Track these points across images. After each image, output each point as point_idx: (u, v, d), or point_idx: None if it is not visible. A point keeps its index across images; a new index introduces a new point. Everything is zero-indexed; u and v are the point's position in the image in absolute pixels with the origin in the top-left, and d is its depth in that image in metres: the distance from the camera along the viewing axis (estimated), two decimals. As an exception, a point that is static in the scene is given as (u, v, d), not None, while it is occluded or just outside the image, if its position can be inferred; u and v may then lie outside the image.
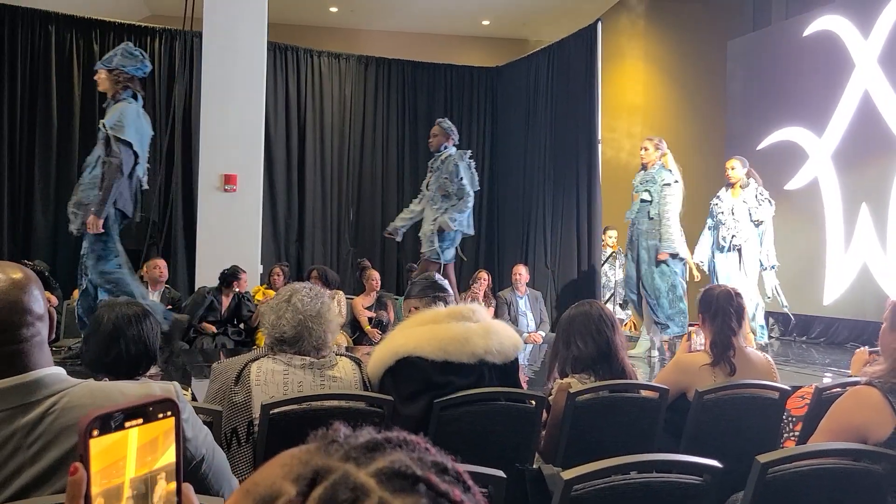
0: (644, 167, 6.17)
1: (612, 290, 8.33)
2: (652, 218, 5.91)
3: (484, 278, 7.20)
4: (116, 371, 2.18)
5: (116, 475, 0.61)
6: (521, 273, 7.19)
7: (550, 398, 2.71)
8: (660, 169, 6.01)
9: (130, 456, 0.61)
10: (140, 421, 0.62)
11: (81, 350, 2.33)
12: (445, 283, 2.89)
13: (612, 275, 8.37)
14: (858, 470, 1.89)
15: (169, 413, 0.65)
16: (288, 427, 2.20)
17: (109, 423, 0.61)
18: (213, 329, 6.10)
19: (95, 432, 0.60)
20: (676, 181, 5.94)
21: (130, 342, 2.20)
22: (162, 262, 6.36)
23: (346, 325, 6.59)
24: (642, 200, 6.01)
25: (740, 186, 6.36)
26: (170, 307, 6.17)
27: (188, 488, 0.66)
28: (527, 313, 7.13)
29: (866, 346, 3.27)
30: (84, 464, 0.59)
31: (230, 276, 6.26)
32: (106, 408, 0.61)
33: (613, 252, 8.40)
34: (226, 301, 6.28)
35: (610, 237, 8.45)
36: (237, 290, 6.29)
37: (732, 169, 6.35)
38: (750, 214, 6.31)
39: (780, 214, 8.08)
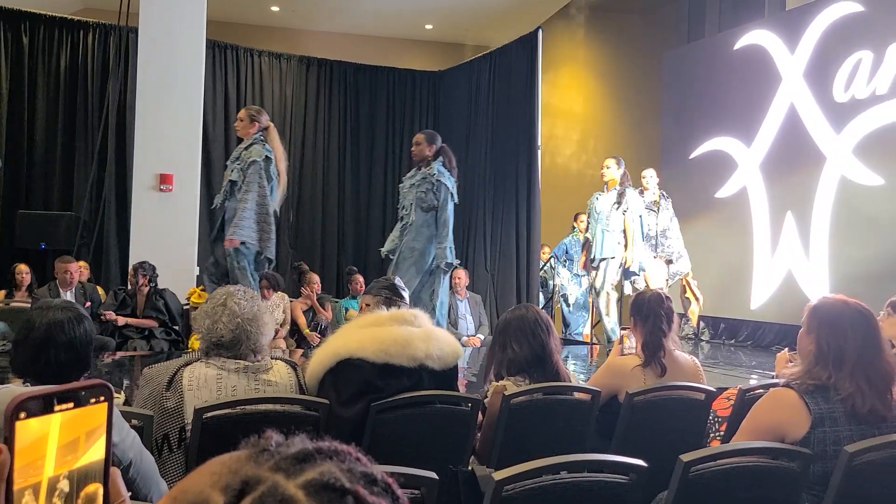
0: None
1: (551, 294, 8.46)
2: None
3: None
4: (44, 378, 2.11)
5: (34, 473, 0.60)
6: (461, 277, 7.24)
7: (486, 400, 2.75)
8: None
9: (51, 453, 0.60)
10: (71, 405, 0.61)
11: (11, 354, 2.24)
12: (404, 290, 2.93)
13: (554, 278, 8.50)
14: (776, 468, 1.97)
15: (102, 398, 0.63)
16: (221, 432, 2.17)
17: (38, 405, 0.59)
18: (114, 317, 5.89)
19: (22, 415, 0.58)
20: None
21: (61, 349, 2.12)
22: (71, 265, 6.15)
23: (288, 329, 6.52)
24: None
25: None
26: (88, 304, 6.01)
27: (115, 473, 0.65)
28: (466, 316, 7.18)
29: (787, 348, 3.42)
30: (9, 447, 0.58)
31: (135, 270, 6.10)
32: (35, 390, 0.60)
33: (550, 258, 8.54)
34: (140, 297, 6.10)
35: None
36: (146, 285, 6.06)
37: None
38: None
39: (711, 221, 8.36)
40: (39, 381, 2.10)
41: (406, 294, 2.94)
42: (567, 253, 8.24)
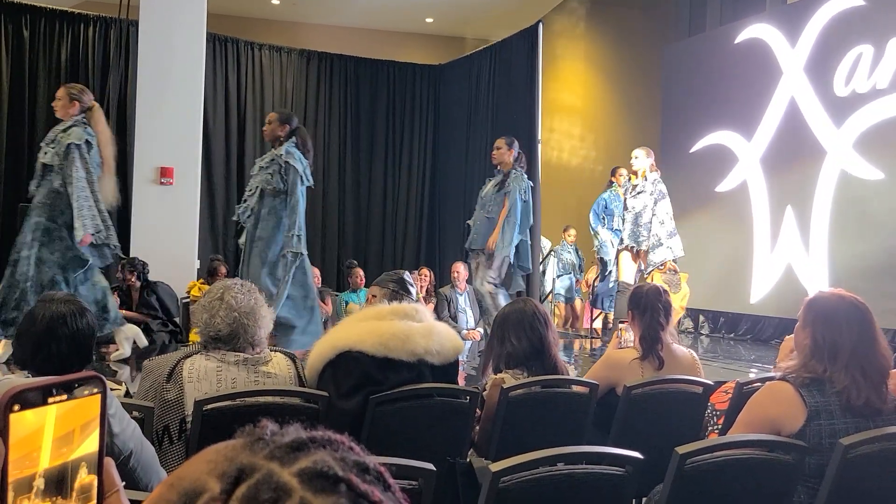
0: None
1: (552, 288, 8.49)
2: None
3: (425, 275, 7.23)
4: (46, 370, 2.13)
5: (30, 465, 0.60)
6: (460, 270, 7.26)
7: (485, 393, 2.77)
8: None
9: (46, 445, 0.61)
10: (64, 397, 0.61)
11: (13, 347, 2.25)
12: (412, 285, 2.91)
13: (551, 272, 8.53)
14: (771, 460, 1.99)
15: (95, 390, 0.63)
16: (221, 423, 2.19)
17: (32, 397, 0.60)
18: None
19: (16, 407, 0.59)
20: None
21: (62, 342, 2.14)
22: None
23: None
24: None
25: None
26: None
27: (109, 463, 0.66)
28: (466, 310, 7.20)
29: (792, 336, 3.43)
30: (3, 439, 0.59)
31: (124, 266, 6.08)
32: (29, 382, 0.61)
33: (552, 250, 8.56)
34: (135, 294, 6.11)
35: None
36: (134, 280, 6.06)
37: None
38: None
39: (711, 215, 8.37)
40: (41, 373, 2.11)
41: (414, 290, 2.91)
42: (607, 209, 7.76)
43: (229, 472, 0.52)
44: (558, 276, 8.50)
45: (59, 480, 0.62)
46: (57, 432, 0.61)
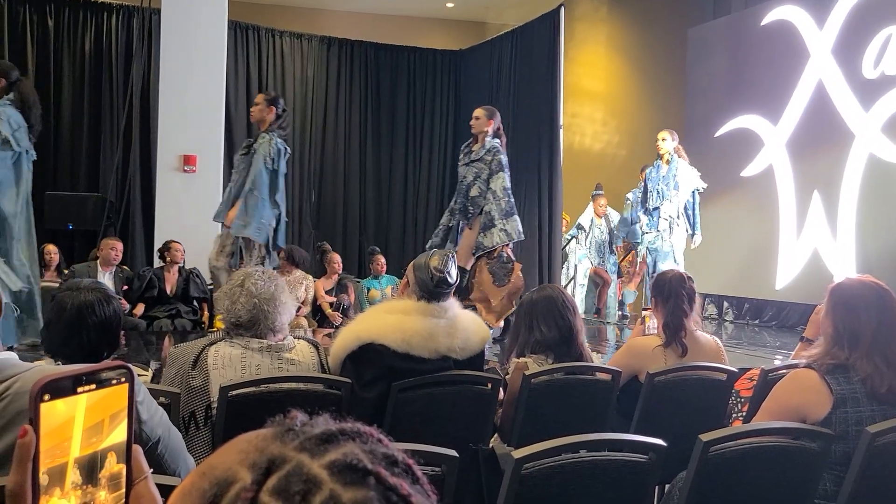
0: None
1: (574, 274, 8.45)
2: None
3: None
4: (76, 358, 2.16)
5: (61, 454, 0.61)
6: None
7: (507, 377, 2.77)
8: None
9: (76, 435, 0.62)
10: (93, 386, 0.62)
11: (43, 336, 2.28)
12: (450, 283, 2.56)
13: (574, 258, 8.49)
14: (797, 448, 1.97)
15: (123, 379, 0.64)
16: (246, 409, 2.21)
17: (61, 387, 0.61)
18: (136, 309, 5.98)
19: (47, 397, 0.60)
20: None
21: (92, 330, 2.16)
22: (118, 244, 6.26)
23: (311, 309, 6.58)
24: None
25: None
26: (126, 287, 6.10)
27: (137, 450, 0.67)
28: (487, 296, 7.19)
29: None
30: (34, 428, 0.60)
31: (161, 250, 6.22)
32: (58, 372, 0.61)
33: (574, 237, 8.51)
34: (170, 277, 6.20)
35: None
36: (178, 263, 6.19)
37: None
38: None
39: (736, 200, 8.27)
40: (71, 361, 2.15)
41: (451, 286, 2.59)
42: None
43: (260, 462, 0.52)
44: (580, 261, 8.42)
45: (89, 469, 0.63)
46: (87, 422, 0.62)
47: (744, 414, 3.13)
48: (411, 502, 0.52)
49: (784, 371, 2.74)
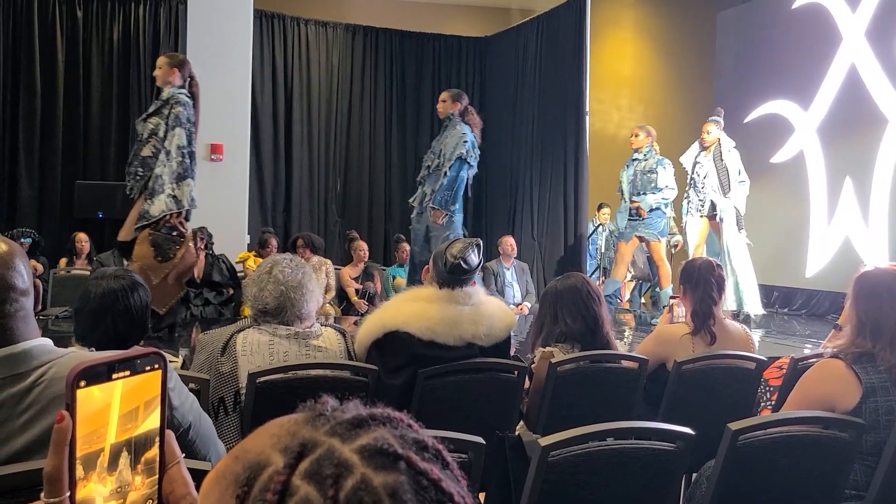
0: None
1: (599, 263, 8.39)
2: None
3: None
4: (104, 345, 2.20)
5: (98, 440, 0.63)
6: (511, 244, 7.25)
7: (533, 366, 2.76)
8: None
9: (112, 421, 0.63)
10: (127, 373, 0.63)
11: (74, 324, 2.33)
12: (472, 268, 2.57)
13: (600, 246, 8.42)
14: (827, 437, 1.95)
15: (156, 366, 0.65)
16: (274, 396, 2.24)
17: (97, 373, 0.62)
18: None
19: (83, 383, 0.61)
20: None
21: (118, 317, 2.20)
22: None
23: (335, 296, 6.62)
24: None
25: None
26: None
27: (170, 435, 0.68)
28: (513, 284, 7.19)
29: None
30: (71, 413, 0.61)
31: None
32: (93, 359, 0.63)
33: (601, 224, 8.45)
34: (198, 263, 6.24)
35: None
36: (203, 249, 6.20)
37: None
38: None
39: (766, 187, 8.15)
40: (101, 348, 2.19)
41: (472, 274, 2.59)
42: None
43: (292, 447, 0.53)
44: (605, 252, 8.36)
45: (125, 455, 0.64)
46: (123, 408, 0.64)
47: (773, 403, 3.10)
48: (441, 487, 0.52)
49: (814, 360, 2.71)
